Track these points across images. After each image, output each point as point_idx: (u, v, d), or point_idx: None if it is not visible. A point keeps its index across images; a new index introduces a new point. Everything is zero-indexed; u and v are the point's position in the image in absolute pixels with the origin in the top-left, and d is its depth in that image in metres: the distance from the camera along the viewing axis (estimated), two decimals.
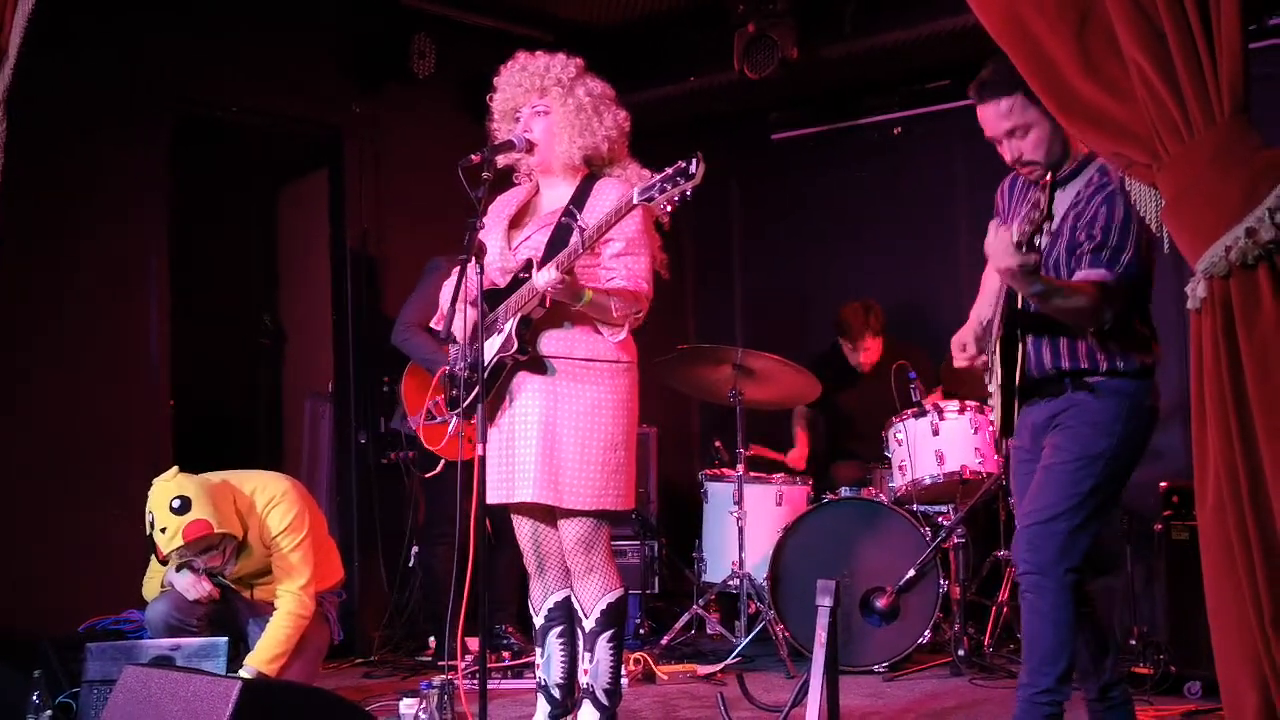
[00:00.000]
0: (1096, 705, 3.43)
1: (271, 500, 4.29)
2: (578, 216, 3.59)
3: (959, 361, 3.56)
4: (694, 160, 3.32)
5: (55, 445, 5.05)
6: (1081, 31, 2.69)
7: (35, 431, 5.00)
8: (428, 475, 4.76)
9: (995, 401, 3.46)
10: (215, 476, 4.29)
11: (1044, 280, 3.16)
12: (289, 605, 4.24)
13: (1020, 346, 3.36)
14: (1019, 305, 3.35)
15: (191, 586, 4.25)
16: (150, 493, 4.15)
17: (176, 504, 4.07)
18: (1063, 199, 3.33)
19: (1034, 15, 2.74)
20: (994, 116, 3.29)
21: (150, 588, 4.41)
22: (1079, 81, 2.70)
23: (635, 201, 3.44)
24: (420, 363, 5.34)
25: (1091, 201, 3.24)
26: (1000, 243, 3.08)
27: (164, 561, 4.28)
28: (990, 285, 3.60)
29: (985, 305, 3.56)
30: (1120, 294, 3.21)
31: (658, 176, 3.40)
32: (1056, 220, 3.28)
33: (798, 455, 6.28)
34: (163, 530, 4.07)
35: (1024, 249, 3.04)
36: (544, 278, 3.51)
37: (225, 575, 4.33)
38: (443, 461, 4.38)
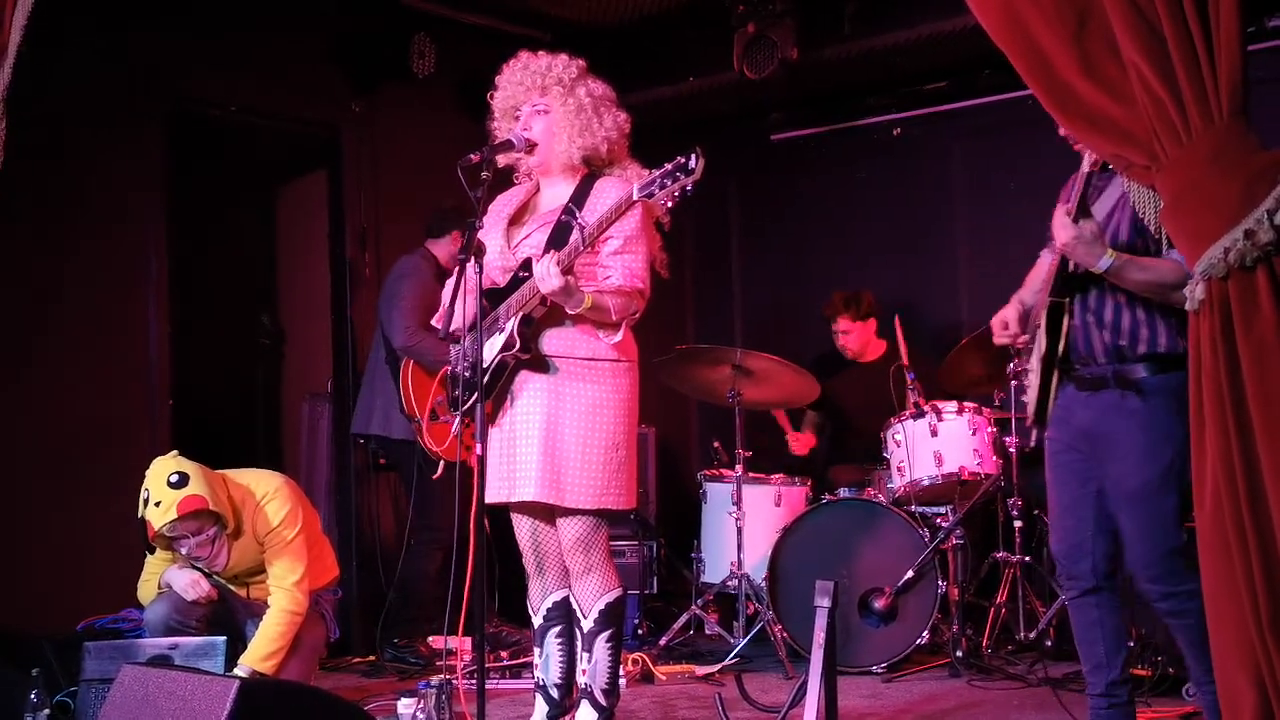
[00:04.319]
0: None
1: (266, 495, 4.30)
2: (577, 214, 3.59)
3: (1001, 338, 3.53)
4: (693, 155, 3.29)
5: (54, 444, 5.05)
6: (1080, 33, 2.70)
7: (34, 430, 5.00)
8: (434, 478, 4.73)
9: (1033, 382, 3.43)
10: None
11: (1112, 252, 3.13)
12: (282, 602, 4.24)
13: (1066, 320, 3.32)
14: (1068, 282, 3.32)
15: (190, 587, 4.24)
16: (149, 470, 4.17)
17: (174, 478, 4.09)
18: (1113, 189, 3.30)
19: (1033, 16, 2.74)
20: None
21: (145, 591, 4.39)
22: (1078, 82, 2.70)
23: (635, 197, 3.43)
24: (431, 365, 5.08)
25: None
26: (1057, 219, 3.14)
27: (153, 545, 4.26)
28: (1037, 274, 3.58)
29: (1029, 291, 3.56)
30: None
31: (657, 172, 3.39)
32: (1105, 212, 3.27)
33: (804, 442, 6.26)
34: (157, 504, 4.07)
35: (1078, 220, 3.08)
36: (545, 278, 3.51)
37: (219, 571, 4.32)
38: (443, 463, 4.37)
